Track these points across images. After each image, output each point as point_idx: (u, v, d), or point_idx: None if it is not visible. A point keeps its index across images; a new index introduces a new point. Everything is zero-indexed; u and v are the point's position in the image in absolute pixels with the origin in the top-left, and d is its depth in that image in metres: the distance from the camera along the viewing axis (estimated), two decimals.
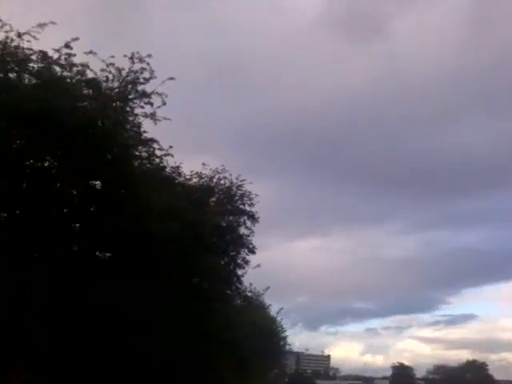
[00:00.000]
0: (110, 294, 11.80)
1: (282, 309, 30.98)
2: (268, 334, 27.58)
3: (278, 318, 31.09)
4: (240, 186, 17.32)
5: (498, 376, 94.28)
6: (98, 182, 12.47)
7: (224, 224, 16.68)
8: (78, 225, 11.89)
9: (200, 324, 15.33)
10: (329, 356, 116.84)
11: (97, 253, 13.17)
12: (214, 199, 16.94)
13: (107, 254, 13.34)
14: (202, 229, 13.97)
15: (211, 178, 17.09)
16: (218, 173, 17.19)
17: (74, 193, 11.91)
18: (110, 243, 12.70)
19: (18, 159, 11.20)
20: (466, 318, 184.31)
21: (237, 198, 17.32)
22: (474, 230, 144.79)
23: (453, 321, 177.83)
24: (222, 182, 17.25)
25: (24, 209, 10.38)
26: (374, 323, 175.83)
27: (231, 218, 17.18)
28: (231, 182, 17.37)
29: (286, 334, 34.81)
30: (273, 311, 30.95)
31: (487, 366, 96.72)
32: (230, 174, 17.26)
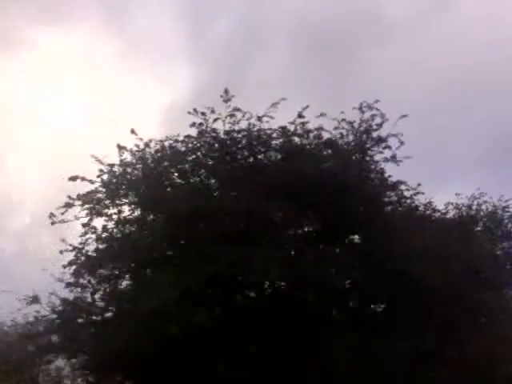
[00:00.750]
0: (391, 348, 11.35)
1: None
2: None
3: None
4: (506, 207, 15.56)
5: None
6: (356, 236, 12.53)
7: (499, 252, 14.99)
8: (348, 281, 11.96)
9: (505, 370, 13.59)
10: None
11: (372, 306, 13.01)
12: (479, 228, 15.46)
13: (382, 306, 13.05)
14: (478, 263, 12.69)
15: (469, 206, 15.74)
16: (476, 198, 15.79)
17: (337, 251, 12.11)
18: (380, 295, 12.39)
19: (279, 231, 11.97)
20: None
21: (506, 221, 15.54)
22: None
23: None
24: (483, 207, 15.75)
25: (298, 276, 10.86)
26: None
27: (505, 244, 15.38)
28: (494, 206, 15.75)
29: None
30: None
31: None
32: (491, 197, 15.70)
